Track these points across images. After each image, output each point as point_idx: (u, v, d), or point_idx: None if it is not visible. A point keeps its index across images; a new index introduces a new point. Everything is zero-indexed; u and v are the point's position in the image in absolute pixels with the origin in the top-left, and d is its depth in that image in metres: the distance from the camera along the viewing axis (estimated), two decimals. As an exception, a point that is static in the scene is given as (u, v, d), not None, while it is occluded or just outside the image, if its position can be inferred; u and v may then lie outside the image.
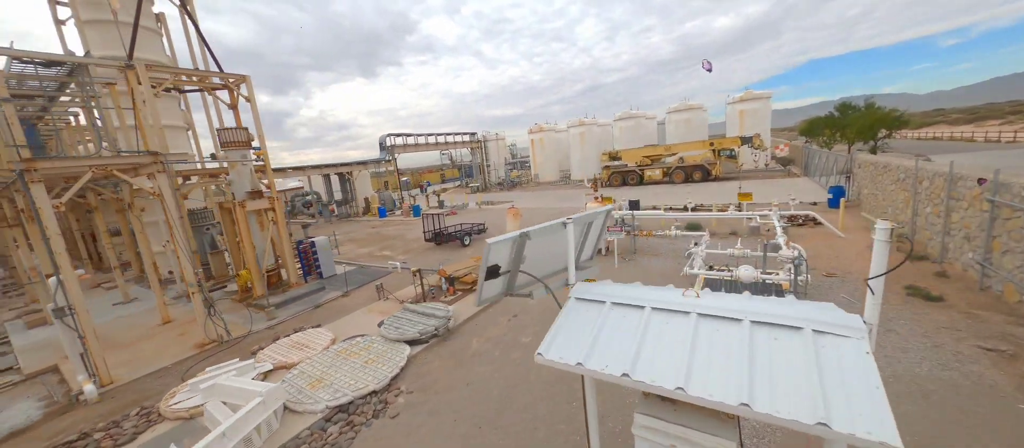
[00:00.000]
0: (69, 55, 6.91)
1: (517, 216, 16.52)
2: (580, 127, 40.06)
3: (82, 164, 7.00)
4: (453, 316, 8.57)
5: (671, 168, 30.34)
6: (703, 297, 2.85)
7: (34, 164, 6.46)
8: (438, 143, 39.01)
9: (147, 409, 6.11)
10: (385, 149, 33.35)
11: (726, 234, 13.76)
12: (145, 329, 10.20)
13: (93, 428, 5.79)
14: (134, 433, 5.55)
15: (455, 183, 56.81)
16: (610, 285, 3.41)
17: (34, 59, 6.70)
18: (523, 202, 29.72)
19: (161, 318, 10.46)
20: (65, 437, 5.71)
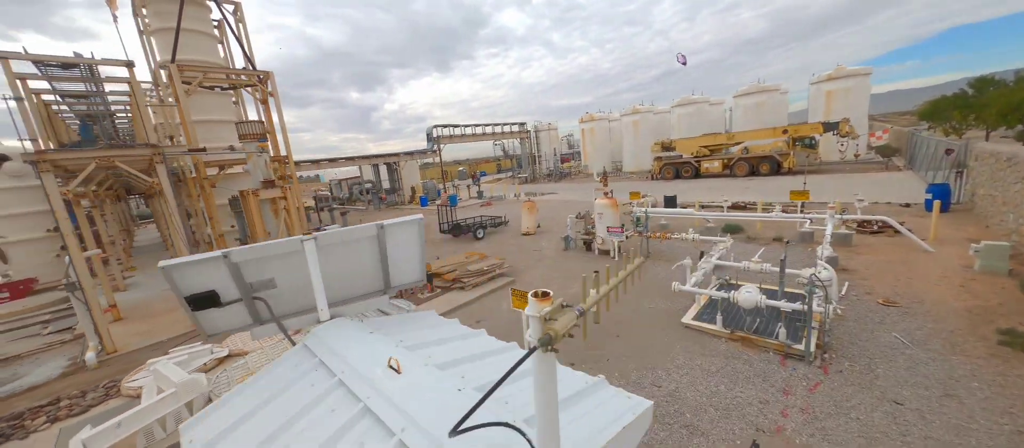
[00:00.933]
0: (78, 57, 7.72)
1: (533, 210, 15.65)
2: (634, 115, 37.17)
3: (88, 156, 7.87)
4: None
5: (733, 160, 26.72)
6: (405, 375, 1.99)
7: (44, 156, 7.36)
8: (486, 134, 39.00)
9: (113, 383, 6.68)
10: (432, 140, 34.20)
11: (769, 240, 11.50)
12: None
13: (68, 395, 6.48)
14: (89, 405, 6.07)
15: (508, 174, 56.78)
16: (360, 328, 2.64)
17: (51, 61, 7.66)
18: (563, 195, 28.52)
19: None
20: (45, 400, 6.46)
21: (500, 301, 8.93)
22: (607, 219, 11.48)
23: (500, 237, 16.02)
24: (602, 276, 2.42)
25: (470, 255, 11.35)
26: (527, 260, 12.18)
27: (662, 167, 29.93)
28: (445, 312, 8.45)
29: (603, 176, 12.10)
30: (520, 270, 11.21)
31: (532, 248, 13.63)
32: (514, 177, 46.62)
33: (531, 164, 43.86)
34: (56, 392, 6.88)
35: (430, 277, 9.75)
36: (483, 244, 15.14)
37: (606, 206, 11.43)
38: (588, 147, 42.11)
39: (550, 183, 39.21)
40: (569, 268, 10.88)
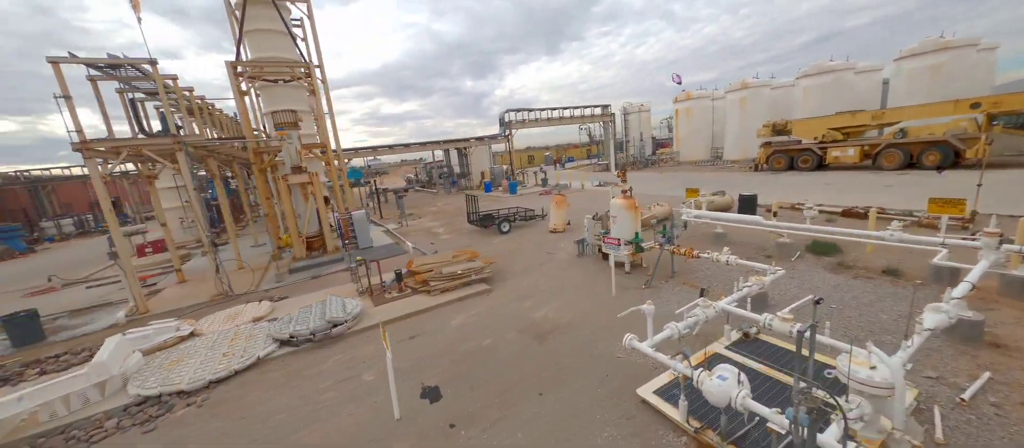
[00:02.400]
0: (113, 57, 8.92)
1: (562, 206, 13.76)
2: (741, 91, 30.57)
3: (121, 144, 9.13)
4: (360, 319, 7.59)
5: (878, 147, 19.77)
6: None
7: (88, 144, 8.71)
8: (563, 118, 36.76)
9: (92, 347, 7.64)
10: (504, 125, 33.61)
11: (876, 272, 7.73)
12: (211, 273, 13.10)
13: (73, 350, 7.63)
14: (70, 364, 7.00)
15: (595, 160, 53.33)
16: None
17: (99, 63, 9.02)
18: (636, 186, 25.12)
19: (237, 266, 13.23)
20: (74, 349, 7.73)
21: (455, 315, 7.73)
22: (622, 224, 9.16)
23: (526, 233, 14.54)
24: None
25: (458, 254, 10.30)
26: (530, 263, 10.59)
27: (770, 155, 23.98)
28: (390, 320, 7.65)
29: (622, 169, 9.67)
30: (512, 275, 9.75)
31: (548, 249, 11.90)
32: (596, 164, 43.34)
33: (615, 150, 40.04)
34: (95, 342, 8.24)
35: (399, 275, 9.05)
36: (505, 238, 13.90)
37: (622, 207, 9.11)
38: (682, 130, 36.48)
39: (632, 171, 35.24)
40: (566, 280, 9.01)
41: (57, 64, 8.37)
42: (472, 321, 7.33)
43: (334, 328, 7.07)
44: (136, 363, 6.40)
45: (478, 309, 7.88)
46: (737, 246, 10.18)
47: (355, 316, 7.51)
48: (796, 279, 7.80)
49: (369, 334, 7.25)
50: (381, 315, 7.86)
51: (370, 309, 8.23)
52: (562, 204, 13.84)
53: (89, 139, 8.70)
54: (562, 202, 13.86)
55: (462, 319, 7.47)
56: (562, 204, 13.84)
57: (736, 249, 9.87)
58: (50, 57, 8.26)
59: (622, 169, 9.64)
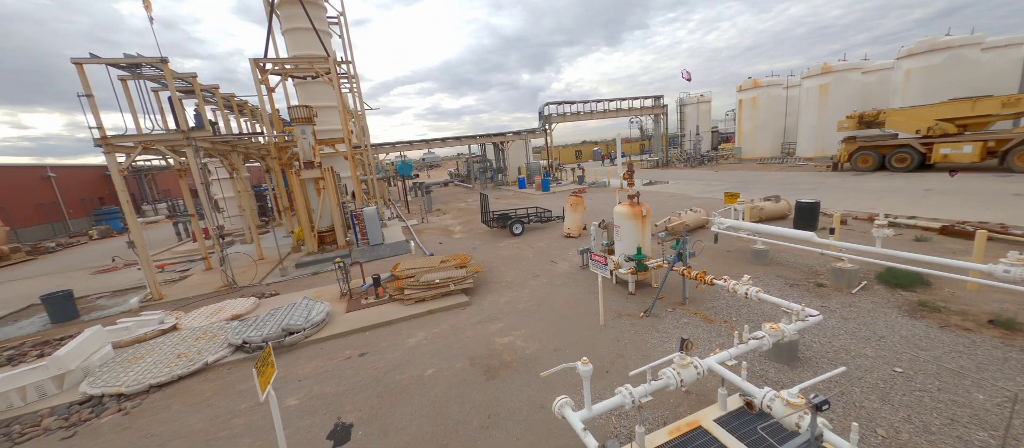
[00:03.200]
0: (129, 57, 9.37)
1: (578, 207, 12.40)
2: (822, 77, 26.09)
3: (136, 140, 9.62)
4: (323, 327, 7.12)
5: (1009, 142, 15.49)
6: None
7: (108, 140, 9.27)
8: (607, 111, 34.45)
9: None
10: (543, 118, 32.31)
11: (981, 322, 5.56)
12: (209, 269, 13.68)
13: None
14: (59, 345, 7.38)
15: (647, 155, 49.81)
16: None
17: (120, 64, 9.56)
18: (679, 186, 22.75)
19: (258, 256, 13.78)
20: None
21: (417, 331, 6.95)
22: (626, 235, 7.73)
23: (538, 236, 13.37)
24: None
25: (446, 260, 9.50)
26: (525, 273, 9.50)
27: (854, 152, 20.10)
28: (350, 331, 7.08)
29: (627, 170, 8.17)
30: (499, 286, 8.75)
31: (553, 257, 10.68)
32: (646, 160, 40.24)
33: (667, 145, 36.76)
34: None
35: (377, 280, 8.48)
36: (513, 241, 12.88)
37: (626, 216, 7.67)
38: (746, 124, 32.32)
39: (684, 169, 32.08)
40: (555, 298, 7.82)
41: (81, 65, 8.93)
42: (429, 342, 6.49)
43: (288, 336, 6.66)
44: (103, 357, 6.49)
45: (442, 327, 7.02)
46: (783, 269, 8.20)
47: (316, 324, 7.05)
48: (852, 321, 5.87)
49: (328, 345, 6.74)
50: (348, 323, 7.34)
51: (341, 316, 7.76)
52: (577, 206, 12.46)
53: (109, 135, 9.23)
54: (578, 204, 12.48)
55: (420, 338, 6.66)
56: (577, 206, 12.46)
57: (780, 272, 7.94)
58: (74, 59, 8.84)
59: (628, 169, 8.12)
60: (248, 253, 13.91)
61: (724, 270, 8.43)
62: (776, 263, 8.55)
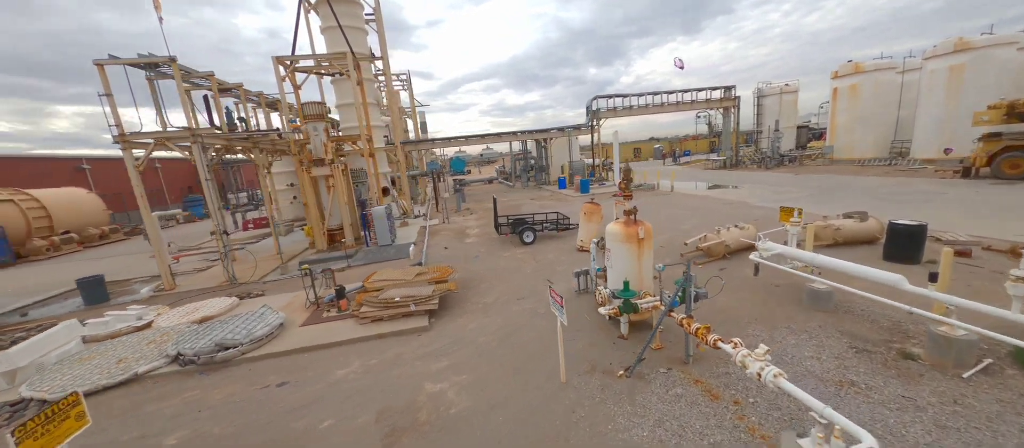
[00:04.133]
0: (143, 56, 9.75)
1: (594, 216, 10.71)
2: (955, 55, 20.43)
3: (150, 136, 10.03)
4: (262, 342, 6.53)
5: None
6: None
7: (124, 137, 9.77)
8: (665, 105, 31.02)
9: (87, 321, 8.36)
10: (590, 113, 30.07)
11: None
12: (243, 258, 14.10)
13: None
14: (50, 337, 7.73)
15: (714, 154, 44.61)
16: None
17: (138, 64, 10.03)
18: (745, 193, 19.51)
19: (275, 250, 14.14)
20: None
21: (354, 359, 6.01)
22: (618, 263, 6.04)
23: (551, 246, 11.82)
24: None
25: (423, 274, 8.47)
26: (509, 294, 8.14)
27: (998, 154, 15.30)
28: (286, 351, 6.39)
29: (624, 176, 6.43)
30: (471, 309, 7.52)
31: (552, 273, 9.16)
32: (712, 161, 35.73)
33: (739, 142, 32.21)
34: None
35: (340, 292, 7.74)
36: (520, 252, 11.52)
37: (618, 239, 5.99)
38: (842, 116, 26.90)
39: (756, 171, 27.73)
40: (525, 334, 6.40)
41: (102, 66, 9.45)
42: (356, 378, 5.52)
43: (219, 353, 6.14)
44: (62, 354, 6.55)
45: (383, 357, 6.01)
46: (852, 321, 5.87)
47: (256, 340, 6.47)
48: (958, 433, 3.66)
49: (260, 366, 6.12)
50: (293, 340, 6.69)
51: (294, 329, 7.16)
52: (593, 215, 10.69)
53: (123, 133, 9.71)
54: (593, 212, 10.70)
55: (350, 371, 5.72)
56: (593, 215, 10.69)
57: (847, 326, 5.64)
58: (96, 60, 9.36)
59: (624, 177, 6.32)
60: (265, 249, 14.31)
61: (763, 314, 6.29)
62: (844, 312, 6.17)
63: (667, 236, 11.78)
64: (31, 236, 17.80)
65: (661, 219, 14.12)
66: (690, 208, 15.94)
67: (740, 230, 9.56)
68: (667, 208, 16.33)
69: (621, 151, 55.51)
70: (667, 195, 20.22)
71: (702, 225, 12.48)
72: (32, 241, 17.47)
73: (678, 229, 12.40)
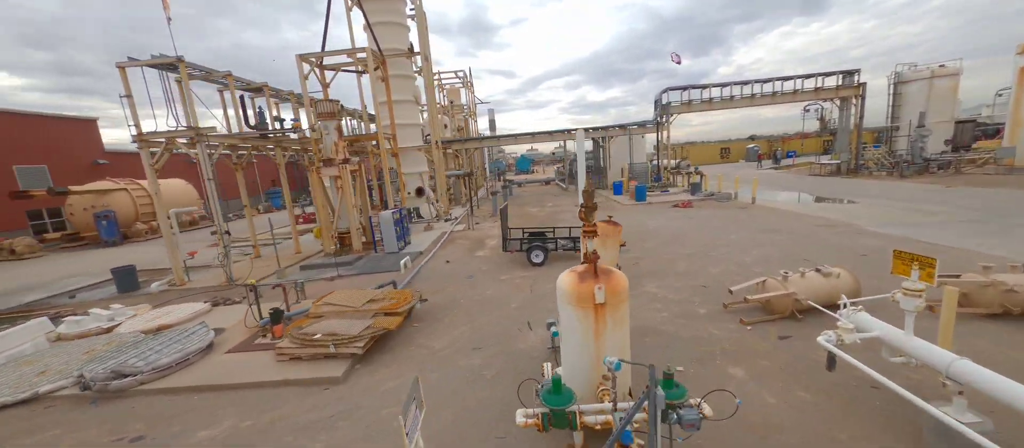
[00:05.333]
0: (162, 56, 9.99)
1: (611, 236, 8.33)
2: None
3: (163, 136, 10.33)
4: (167, 371, 5.76)
5: None
6: None
7: (142, 137, 10.21)
8: (757, 97, 25.64)
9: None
10: (658, 108, 26.24)
11: None
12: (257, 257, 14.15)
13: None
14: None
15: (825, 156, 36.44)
16: None
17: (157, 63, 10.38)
18: (862, 209, 14.89)
19: (294, 249, 14.23)
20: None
21: (231, 415, 4.82)
22: (570, 346, 3.91)
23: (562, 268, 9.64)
24: None
25: (376, 300, 7.07)
26: (470, 340, 6.34)
27: None
28: (179, 388, 5.49)
29: (585, 202, 4.13)
30: (414, 353, 5.91)
31: (537, 311, 7.09)
32: (822, 164, 28.87)
33: (857, 142, 25.44)
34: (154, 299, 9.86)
35: (276, 315, 6.71)
36: (525, 275, 9.58)
37: (566, 297, 3.84)
38: (1031, 108, 19.24)
39: (885, 180, 21.41)
40: (455, 406, 4.60)
41: (123, 69, 9.91)
42: (211, 447, 4.30)
43: (114, 382, 5.47)
44: (10, 357, 6.56)
45: (260, 418, 4.74)
46: None
47: (159, 369, 5.72)
48: None
49: (142, 405, 5.31)
50: (198, 374, 5.82)
51: (217, 356, 6.34)
52: (611, 236, 8.23)
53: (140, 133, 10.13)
54: (610, 233, 8.23)
55: (216, 433, 4.54)
56: (611, 236, 8.23)
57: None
58: (118, 63, 9.86)
59: (586, 200, 4.02)
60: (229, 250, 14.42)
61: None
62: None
63: (720, 269, 8.78)
64: (137, 220, 20.97)
65: (719, 244, 10.90)
66: (769, 229, 12.21)
67: (824, 277, 6.39)
68: (735, 228, 12.78)
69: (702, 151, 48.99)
70: (744, 208, 16.21)
71: (776, 259, 9.14)
72: (135, 225, 20.57)
73: (738, 262, 9.24)
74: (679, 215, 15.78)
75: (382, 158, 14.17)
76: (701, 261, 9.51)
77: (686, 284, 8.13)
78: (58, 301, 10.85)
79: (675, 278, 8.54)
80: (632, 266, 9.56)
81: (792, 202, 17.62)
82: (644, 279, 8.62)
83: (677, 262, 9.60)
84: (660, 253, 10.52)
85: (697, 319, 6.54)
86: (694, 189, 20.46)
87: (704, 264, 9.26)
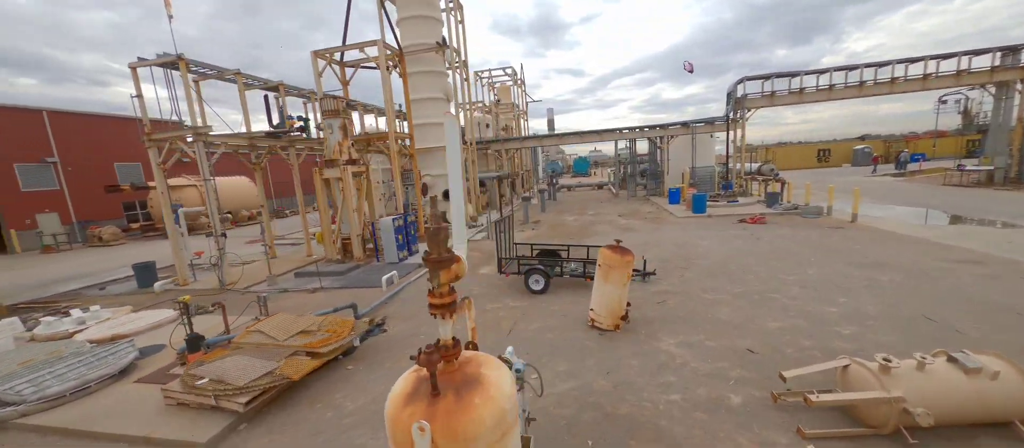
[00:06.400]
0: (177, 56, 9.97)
1: (617, 270, 6.21)
2: None
3: (169, 135, 10.36)
4: (56, 402, 5.06)
5: None
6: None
7: (151, 135, 10.36)
8: (869, 85, 20.34)
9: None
10: (731, 102, 22.21)
11: None
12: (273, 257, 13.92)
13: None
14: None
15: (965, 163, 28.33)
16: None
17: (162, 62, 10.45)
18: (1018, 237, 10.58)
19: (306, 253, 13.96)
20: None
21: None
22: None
23: (566, 300, 7.61)
24: None
25: (300, 334, 5.79)
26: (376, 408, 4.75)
27: None
28: (49, 427, 4.69)
29: (432, 223, 2.70)
30: (298, 418, 4.50)
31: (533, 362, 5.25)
32: (955, 173, 22.24)
33: (1015, 140, 18.98)
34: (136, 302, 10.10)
35: (194, 343, 5.78)
36: (518, 305, 7.75)
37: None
38: None
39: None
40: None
41: (135, 69, 10.12)
42: None
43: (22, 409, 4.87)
44: (-27, 354, 6.50)
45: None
46: None
47: (47, 399, 5.03)
48: None
49: (24, 440, 4.61)
50: (83, 410, 5.03)
51: (119, 387, 5.56)
52: (616, 267, 6.04)
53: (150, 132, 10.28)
54: (615, 264, 6.03)
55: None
56: (616, 267, 6.04)
57: None
58: (130, 63, 10.07)
59: (436, 217, 2.12)
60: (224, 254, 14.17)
61: None
62: None
63: (781, 324, 6.10)
64: (205, 214, 23.06)
65: (789, 282, 7.96)
66: (872, 262, 8.80)
67: (965, 374, 3.64)
68: (819, 258, 9.50)
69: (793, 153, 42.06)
70: (839, 229, 12.42)
71: (876, 318, 6.15)
72: (199, 219, 22.58)
73: (812, 316, 6.41)
74: (742, 234, 12.54)
75: (392, 159, 13.24)
76: (755, 307, 6.81)
77: (724, 344, 5.66)
78: (89, 292, 11.54)
79: (710, 331, 6.07)
80: (654, 305, 7.20)
81: (914, 222, 13.19)
82: (664, 328, 6.27)
83: (720, 305, 7.02)
84: (700, 289, 7.93)
85: (726, 413, 4.20)
86: (771, 200, 16.59)
87: (759, 313, 6.58)
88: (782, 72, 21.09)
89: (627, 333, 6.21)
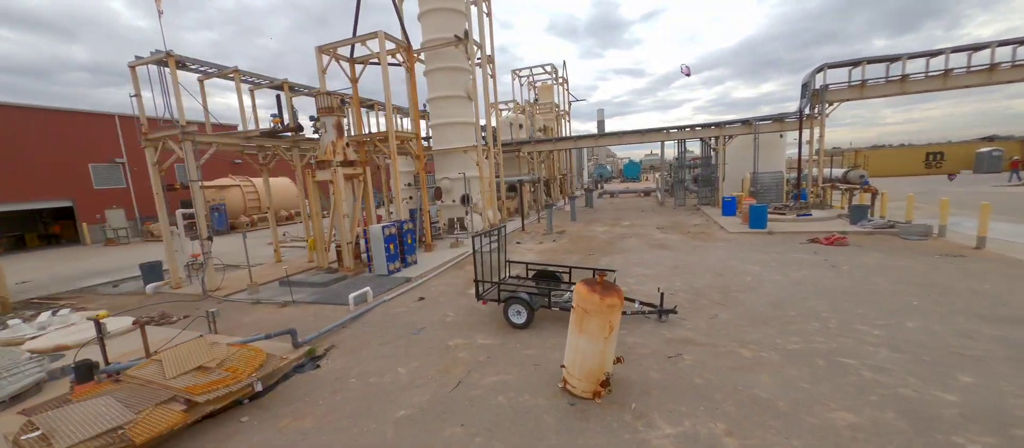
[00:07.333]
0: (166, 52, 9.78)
1: (594, 316, 4.37)
2: None
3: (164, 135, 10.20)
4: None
5: None
6: None
7: (145, 133, 10.31)
8: (1000, 67, 15.70)
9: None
10: (808, 94, 18.51)
11: None
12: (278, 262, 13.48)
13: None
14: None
15: None
16: None
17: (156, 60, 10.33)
18: None
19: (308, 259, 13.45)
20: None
21: None
22: None
23: (550, 340, 5.83)
24: None
25: (197, 371, 4.69)
26: None
27: None
28: None
29: None
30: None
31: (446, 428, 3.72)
32: None
33: None
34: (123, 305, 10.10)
35: (89, 371, 4.94)
36: (494, 341, 6.15)
37: None
38: None
39: None
40: None
41: (133, 68, 10.12)
42: None
43: None
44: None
45: None
46: None
47: (-94, 425, 4.41)
48: None
49: None
50: None
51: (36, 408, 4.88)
52: (595, 314, 4.19)
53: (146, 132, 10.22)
54: (597, 309, 4.17)
55: None
56: (595, 314, 4.19)
57: None
58: (129, 63, 10.07)
59: None
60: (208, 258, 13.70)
61: None
62: None
63: (858, 418, 3.83)
64: (243, 213, 24.23)
65: (874, 341, 5.45)
66: (1008, 316, 5.89)
67: None
68: (925, 303, 6.69)
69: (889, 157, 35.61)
70: (957, 258, 9.11)
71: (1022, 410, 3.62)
72: (240, 217, 23.75)
73: (911, 402, 4.02)
74: (811, 260, 9.69)
75: (392, 159, 12.25)
76: (816, 380, 4.53)
77: (755, 445, 3.58)
78: (102, 288, 11.89)
79: (736, 416, 3.98)
80: (663, 359, 5.18)
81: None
82: (666, 403, 4.29)
83: (760, 370, 4.82)
84: (734, 340, 5.70)
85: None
86: (856, 215, 13.12)
87: (821, 391, 4.32)
88: (877, 56, 17.07)
89: (609, 406, 4.33)
